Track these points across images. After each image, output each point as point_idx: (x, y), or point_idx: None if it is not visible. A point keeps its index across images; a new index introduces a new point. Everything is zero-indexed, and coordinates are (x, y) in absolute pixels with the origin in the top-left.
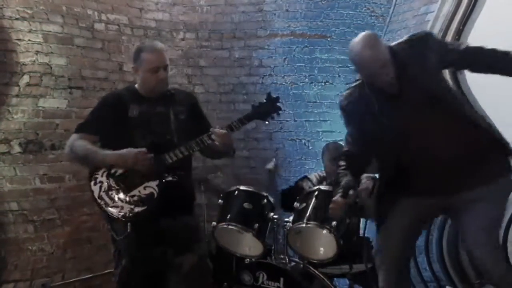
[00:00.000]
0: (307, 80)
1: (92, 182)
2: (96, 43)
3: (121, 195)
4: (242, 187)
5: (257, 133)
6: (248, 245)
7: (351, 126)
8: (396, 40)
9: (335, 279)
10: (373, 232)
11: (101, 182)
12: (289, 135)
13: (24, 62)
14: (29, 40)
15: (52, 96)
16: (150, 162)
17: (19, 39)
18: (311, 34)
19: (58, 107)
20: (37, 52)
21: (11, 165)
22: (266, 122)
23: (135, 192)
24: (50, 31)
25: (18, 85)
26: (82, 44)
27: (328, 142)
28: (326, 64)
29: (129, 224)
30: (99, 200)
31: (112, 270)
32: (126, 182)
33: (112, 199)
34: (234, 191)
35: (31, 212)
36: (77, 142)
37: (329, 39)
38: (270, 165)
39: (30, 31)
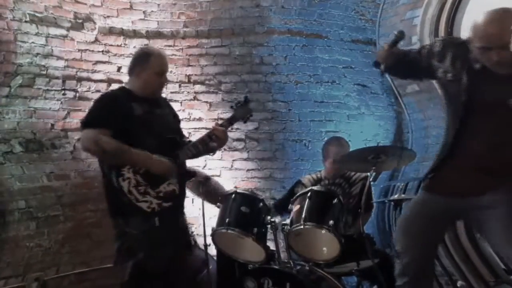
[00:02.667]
0: (312, 79)
1: (120, 178)
2: (98, 46)
3: (149, 191)
4: (239, 190)
5: (258, 133)
6: (250, 251)
7: (426, 57)
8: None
9: (342, 278)
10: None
11: (128, 178)
12: (291, 135)
13: (20, 63)
14: (32, 42)
15: (44, 98)
16: (171, 172)
17: (23, 41)
18: (308, 33)
19: (50, 108)
20: (37, 54)
21: (18, 164)
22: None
23: (161, 188)
24: (56, 34)
25: (9, 86)
26: (84, 47)
27: None
28: (329, 65)
29: (156, 218)
30: (129, 195)
31: (110, 265)
32: (152, 178)
33: (141, 194)
34: (231, 194)
35: (37, 209)
36: (102, 138)
37: (325, 39)
38: None
39: (36, 34)
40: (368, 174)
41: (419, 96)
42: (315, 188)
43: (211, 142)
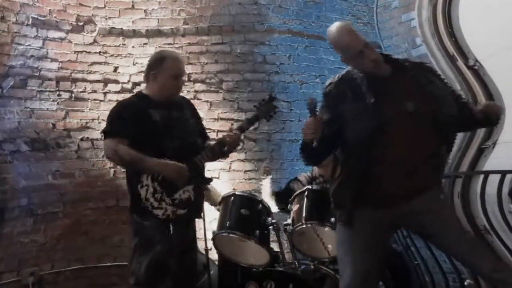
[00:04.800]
0: (318, 80)
1: (139, 185)
2: (95, 47)
3: (165, 198)
4: (237, 192)
5: (256, 133)
6: (253, 254)
7: (329, 111)
8: (395, 45)
9: None
10: None
11: (147, 185)
12: (288, 135)
13: (12, 65)
14: (28, 45)
15: (39, 99)
16: (188, 178)
17: (19, 44)
18: (308, 34)
19: (47, 109)
20: (31, 57)
21: (25, 162)
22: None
23: (177, 195)
24: (54, 37)
25: (0, 87)
26: (81, 49)
27: None
28: (336, 66)
29: (171, 225)
30: (145, 202)
31: (107, 264)
32: (168, 186)
33: (157, 201)
34: (230, 196)
35: (37, 206)
36: (121, 147)
37: (327, 41)
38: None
39: (35, 37)
40: None
41: None
42: (311, 187)
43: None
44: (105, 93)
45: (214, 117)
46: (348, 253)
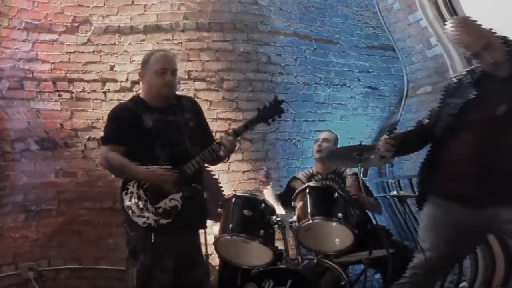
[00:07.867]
0: (322, 82)
1: (124, 192)
2: (89, 47)
3: (148, 206)
4: (238, 194)
5: (252, 133)
6: (256, 254)
7: (440, 104)
8: (409, 47)
9: (350, 266)
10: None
11: (132, 192)
12: (282, 135)
13: (1, 67)
14: (16, 48)
15: (41, 99)
16: (176, 182)
17: (7, 47)
18: (316, 38)
19: (52, 109)
20: (19, 59)
21: (31, 160)
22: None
23: (161, 204)
24: (45, 40)
25: None
26: (73, 50)
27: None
28: (344, 69)
29: (153, 234)
30: (127, 209)
31: (105, 267)
32: (154, 193)
33: (139, 208)
34: (231, 198)
35: (32, 203)
36: (111, 154)
37: (337, 45)
38: (261, 175)
39: (24, 40)
40: (357, 170)
41: (427, 96)
42: (311, 184)
43: (220, 151)
44: (105, 93)
45: (213, 117)
46: (428, 238)
